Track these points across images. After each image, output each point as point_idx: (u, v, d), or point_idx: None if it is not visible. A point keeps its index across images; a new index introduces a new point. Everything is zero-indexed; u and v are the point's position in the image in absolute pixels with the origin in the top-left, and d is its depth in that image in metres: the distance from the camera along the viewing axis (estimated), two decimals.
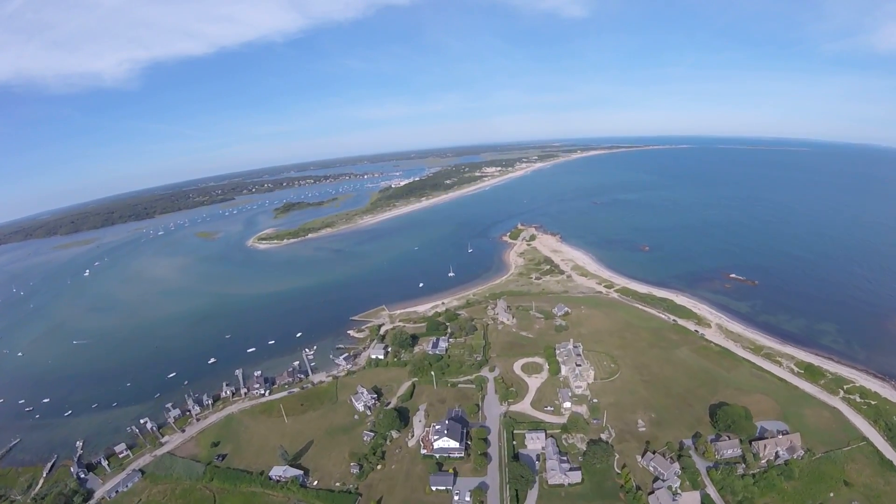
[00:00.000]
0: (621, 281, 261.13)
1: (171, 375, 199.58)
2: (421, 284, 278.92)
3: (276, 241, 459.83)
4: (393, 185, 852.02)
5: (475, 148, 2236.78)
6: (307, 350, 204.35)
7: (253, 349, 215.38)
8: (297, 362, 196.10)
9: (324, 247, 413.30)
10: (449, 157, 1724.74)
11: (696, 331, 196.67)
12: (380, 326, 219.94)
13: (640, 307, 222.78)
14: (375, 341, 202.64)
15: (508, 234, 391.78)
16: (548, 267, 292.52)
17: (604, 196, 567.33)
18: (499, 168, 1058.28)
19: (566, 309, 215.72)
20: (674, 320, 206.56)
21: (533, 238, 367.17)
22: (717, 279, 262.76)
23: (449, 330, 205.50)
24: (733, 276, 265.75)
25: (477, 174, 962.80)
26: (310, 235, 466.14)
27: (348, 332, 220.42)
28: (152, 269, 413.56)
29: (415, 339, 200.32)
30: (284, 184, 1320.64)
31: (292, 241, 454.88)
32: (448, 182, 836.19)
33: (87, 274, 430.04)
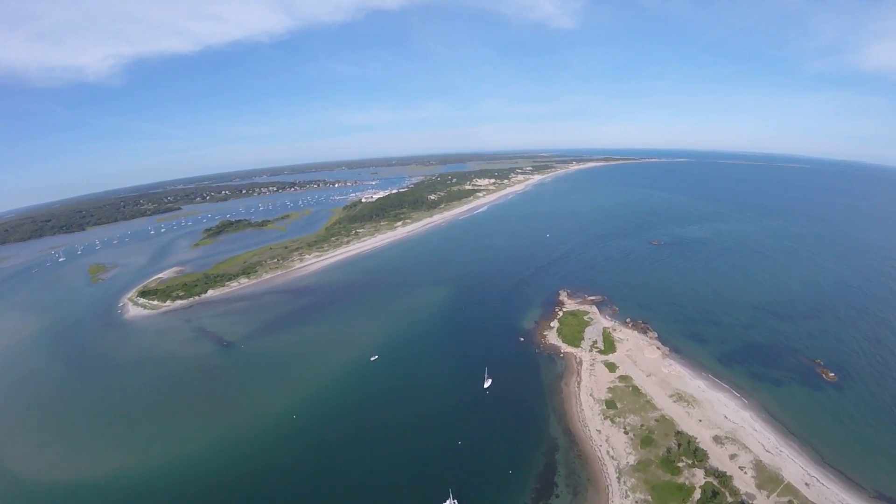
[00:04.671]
0: None
1: None
2: None
3: (157, 302, 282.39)
4: (363, 200, 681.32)
5: (460, 156, 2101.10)
6: None
7: None
8: None
9: (212, 329, 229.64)
10: (433, 166, 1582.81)
11: None
12: None
13: None
14: None
15: (555, 322, 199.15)
16: (706, 479, 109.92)
17: (653, 230, 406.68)
18: (492, 180, 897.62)
19: None
20: None
21: (610, 343, 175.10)
22: None
23: None
24: None
25: (468, 187, 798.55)
26: (210, 293, 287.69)
27: None
28: None
29: None
30: (243, 191, 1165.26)
31: (181, 303, 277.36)
32: (433, 197, 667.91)
33: None
